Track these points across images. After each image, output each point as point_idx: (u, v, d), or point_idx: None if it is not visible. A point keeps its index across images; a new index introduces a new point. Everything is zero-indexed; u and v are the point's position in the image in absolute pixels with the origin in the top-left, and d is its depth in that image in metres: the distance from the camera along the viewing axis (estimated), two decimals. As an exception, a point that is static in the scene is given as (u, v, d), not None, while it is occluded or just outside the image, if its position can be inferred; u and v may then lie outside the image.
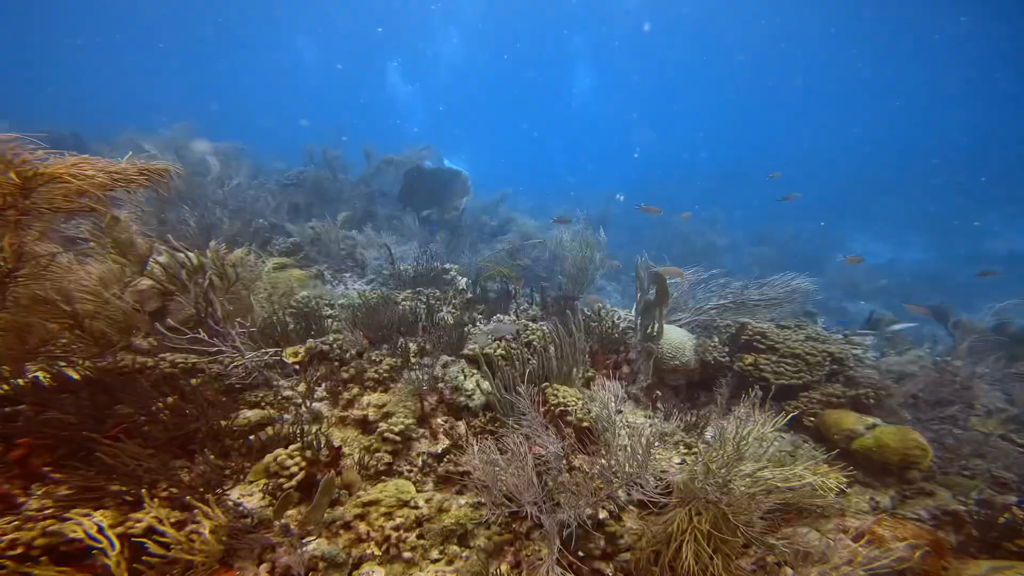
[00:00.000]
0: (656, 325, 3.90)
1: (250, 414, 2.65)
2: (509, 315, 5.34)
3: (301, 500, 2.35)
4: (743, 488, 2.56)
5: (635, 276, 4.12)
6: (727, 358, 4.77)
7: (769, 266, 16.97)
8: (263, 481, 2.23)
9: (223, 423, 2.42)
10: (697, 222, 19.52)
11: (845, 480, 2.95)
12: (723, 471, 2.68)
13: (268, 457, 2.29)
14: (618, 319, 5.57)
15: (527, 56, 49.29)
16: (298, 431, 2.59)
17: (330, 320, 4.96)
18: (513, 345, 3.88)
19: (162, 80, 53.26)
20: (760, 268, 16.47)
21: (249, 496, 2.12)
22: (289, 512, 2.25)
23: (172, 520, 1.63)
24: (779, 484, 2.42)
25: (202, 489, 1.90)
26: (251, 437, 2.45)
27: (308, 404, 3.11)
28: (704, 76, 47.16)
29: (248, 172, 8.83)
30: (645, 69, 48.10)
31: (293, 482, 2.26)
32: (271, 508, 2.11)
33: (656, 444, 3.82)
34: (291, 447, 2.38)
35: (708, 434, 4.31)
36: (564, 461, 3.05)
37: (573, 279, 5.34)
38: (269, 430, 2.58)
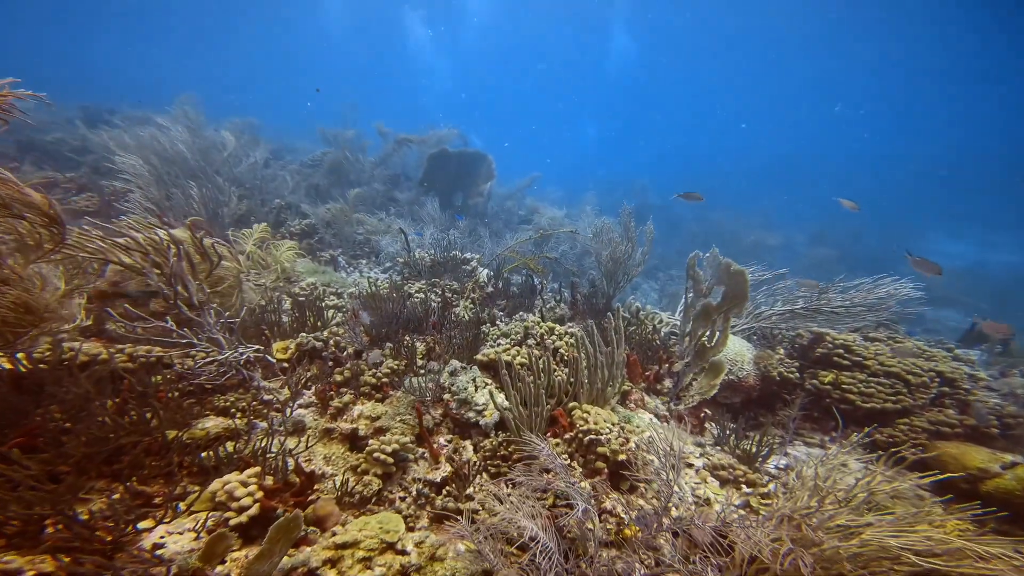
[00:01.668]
0: (717, 335, 3.23)
1: (210, 424, 2.24)
2: (534, 313, 4.77)
3: (255, 540, 1.90)
4: (842, 549, 1.92)
5: (687, 275, 3.45)
6: (796, 374, 4.03)
7: (829, 268, 15.52)
8: (205, 513, 1.79)
9: (171, 435, 2.01)
10: (744, 216, 18.16)
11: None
12: (806, 519, 2.05)
13: (216, 483, 1.85)
14: (659, 323, 4.90)
15: (561, 28, 44.74)
16: (268, 447, 2.15)
17: (334, 311, 4.58)
18: (536, 352, 3.33)
19: (173, 52, 52.73)
20: (819, 271, 15.07)
21: (179, 535, 1.69)
22: (235, 554, 1.80)
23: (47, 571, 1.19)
24: (907, 551, 1.76)
25: (110, 525, 1.46)
26: (203, 454, 2.02)
27: (289, 412, 2.68)
28: (759, 54, 41.80)
29: (266, 150, 8.63)
30: (691, 42, 42.57)
31: (243, 517, 1.81)
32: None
33: (709, 479, 3.19)
34: (248, 471, 1.93)
35: (771, 464, 3.63)
36: (592, 502, 2.48)
37: (609, 275, 4.71)
38: (230, 445, 2.14)
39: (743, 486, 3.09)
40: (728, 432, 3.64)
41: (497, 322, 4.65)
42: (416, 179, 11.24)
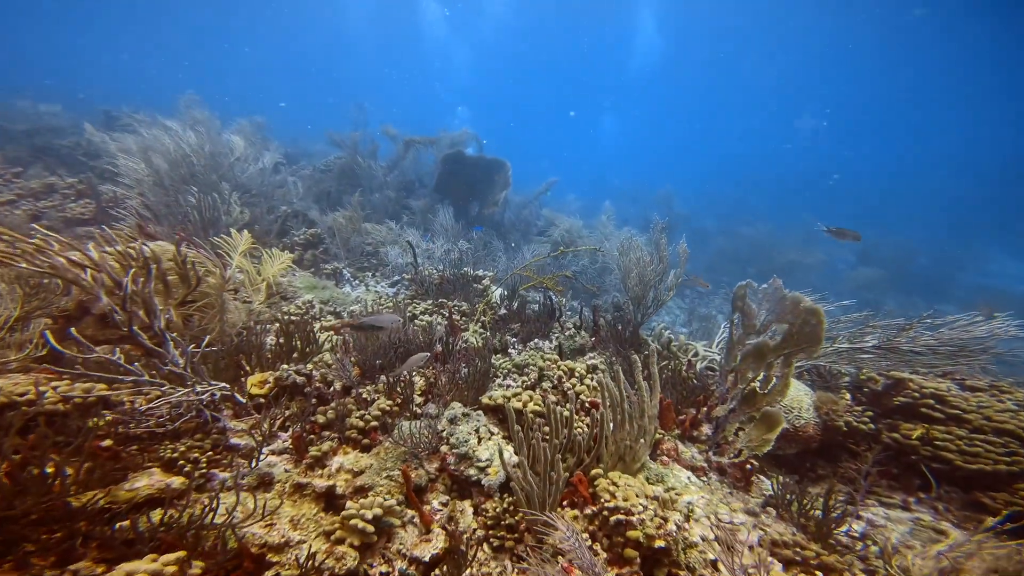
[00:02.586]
0: (774, 380, 2.71)
1: (142, 483, 1.85)
2: (550, 340, 4.31)
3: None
4: None
5: (734, 306, 2.94)
6: (870, 425, 3.44)
7: (877, 291, 14.46)
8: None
9: (85, 497, 1.63)
10: (779, 231, 17.22)
11: None
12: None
13: (117, 571, 1.45)
14: (694, 355, 4.36)
15: (582, 21, 41.48)
16: (209, 517, 1.75)
17: (331, 333, 4.21)
18: (552, 397, 2.85)
19: (178, 52, 52.37)
20: (865, 294, 14.04)
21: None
22: None
23: None
24: None
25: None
26: (118, 525, 1.63)
27: (254, 463, 2.28)
28: (793, 54, 39.14)
29: (277, 154, 8.49)
30: (720, 38, 39.46)
31: (158, 629, 1.40)
32: None
33: (769, 560, 2.64)
34: (166, 557, 1.53)
35: (842, 530, 3.03)
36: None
37: (636, 300, 4.21)
38: (155, 514, 1.74)
39: (816, 573, 2.52)
40: (788, 494, 3.06)
41: (509, 349, 4.21)
42: (429, 185, 10.96)
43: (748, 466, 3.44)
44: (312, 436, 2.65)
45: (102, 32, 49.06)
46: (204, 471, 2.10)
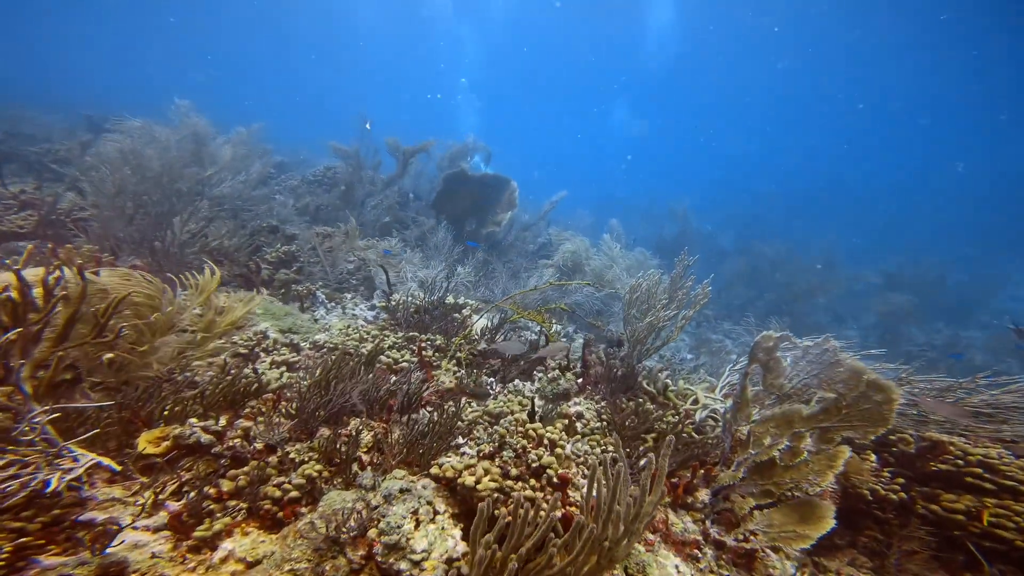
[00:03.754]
0: (804, 455, 2.21)
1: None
2: (533, 382, 3.85)
3: None
4: None
5: (753, 357, 2.46)
6: (903, 494, 2.91)
7: (903, 320, 13.64)
8: None
9: None
10: (801, 252, 16.45)
11: None
12: None
13: None
14: (694, 403, 3.85)
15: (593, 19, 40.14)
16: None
17: (283, 370, 3.78)
18: (515, 468, 2.37)
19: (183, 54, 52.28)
20: (890, 322, 13.25)
21: None
22: None
23: None
24: None
25: None
26: None
27: (95, 550, 1.85)
28: (817, 55, 37.03)
29: (269, 164, 8.21)
30: (740, 36, 37.47)
31: None
32: None
33: None
34: None
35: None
36: None
37: (637, 341, 3.75)
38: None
39: None
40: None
41: (489, 389, 3.76)
42: (430, 201, 10.62)
43: (753, 538, 2.93)
44: (214, 507, 2.21)
45: (110, 34, 49.82)
46: (5, 562, 1.67)
